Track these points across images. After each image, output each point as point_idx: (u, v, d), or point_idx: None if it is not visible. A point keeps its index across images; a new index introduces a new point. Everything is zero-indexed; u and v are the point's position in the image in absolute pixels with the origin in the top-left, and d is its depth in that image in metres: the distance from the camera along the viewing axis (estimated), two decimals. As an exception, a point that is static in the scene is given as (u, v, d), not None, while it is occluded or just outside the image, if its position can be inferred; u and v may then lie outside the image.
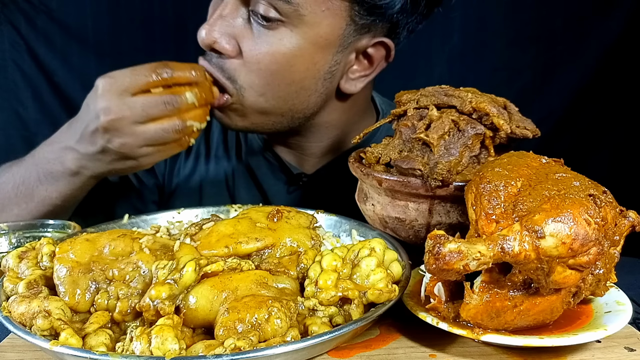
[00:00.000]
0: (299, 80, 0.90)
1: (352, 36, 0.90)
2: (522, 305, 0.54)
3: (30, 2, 1.73)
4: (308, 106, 0.95)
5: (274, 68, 0.88)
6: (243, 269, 0.58)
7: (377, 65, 0.96)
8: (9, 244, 0.80)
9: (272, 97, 0.91)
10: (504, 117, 0.70)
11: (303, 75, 0.90)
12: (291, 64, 0.88)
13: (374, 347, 0.58)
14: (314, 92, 0.93)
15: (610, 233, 0.54)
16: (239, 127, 0.97)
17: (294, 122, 0.97)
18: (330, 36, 0.88)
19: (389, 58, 0.96)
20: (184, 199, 1.12)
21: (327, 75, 0.92)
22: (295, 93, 0.92)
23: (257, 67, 0.88)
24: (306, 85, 0.92)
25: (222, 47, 0.88)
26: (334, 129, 1.03)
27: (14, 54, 1.76)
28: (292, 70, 0.89)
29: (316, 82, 0.92)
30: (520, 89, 1.81)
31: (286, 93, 0.91)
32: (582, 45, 1.79)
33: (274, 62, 0.88)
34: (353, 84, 0.97)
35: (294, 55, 0.88)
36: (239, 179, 1.11)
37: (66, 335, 0.51)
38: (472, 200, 0.56)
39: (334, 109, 1.00)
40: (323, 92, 0.94)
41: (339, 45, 0.90)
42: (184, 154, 1.13)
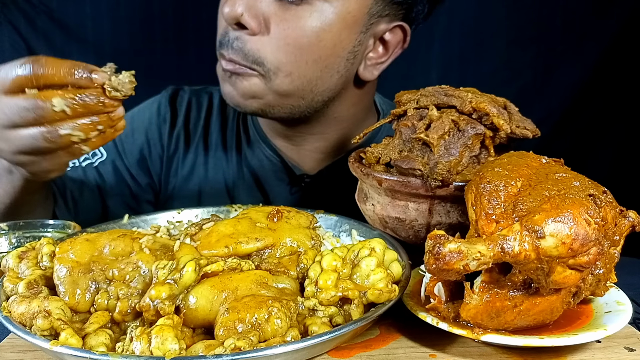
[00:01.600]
0: (325, 57, 0.90)
1: (375, 17, 0.91)
2: (522, 305, 0.54)
3: (30, 2, 1.73)
4: (328, 88, 0.94)
5: (303, 42, 0.87)
6: (243, 269, 0.58)
7: (392, 51, 0.97)
8: (9, 244, 0.80)
9: (298, 77, 0.90)
10: (504, 117, 0.70)
11: (330, 52, 0.89)
12: (320, 39, 0.88)
13: (374, 347, 0.58)
14: (335, 72, 0.93)
15: (610, 233, 0.54)
16: (253, 108, 0.94)
17: (311, 107, 0.95)
18: (358, 13, 0.89)
19: (405, 43, 0.97)
20: (182, 200, 1.11)
21: (350, 55, 0.92)
22: (319, 72, 0.91)
23: (284, 43, 0.87)
24: (330, 64, 0.91)
25: (247, 21, 0.86)
26: (341, 121, 1.03)
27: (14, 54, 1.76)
28: (320, 45, 0.88)
29: (340, 61, 0.92)
30: (520, 89, 1.81)
31: (312, 72, 0.90)
32: (582, 45, 1.79)
33: (303, 36, 0.87)
34: (370, 70, 0.97)
35: (323, 29, 0.87)
36: (239, 178, 1.10)
37: (66, 335, 0.51)
38: (472, 200, 0.56)
39: (348, 99, 1.00)
40: (344, 75, 0.94)
41: (363, 24, 0.91)
42: (182, 154, 1.11)
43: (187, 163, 1.12)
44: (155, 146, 1.11)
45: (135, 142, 1.10)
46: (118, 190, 1.10)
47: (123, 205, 1.11)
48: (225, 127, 1.12)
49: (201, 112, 1.13)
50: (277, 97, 0.92)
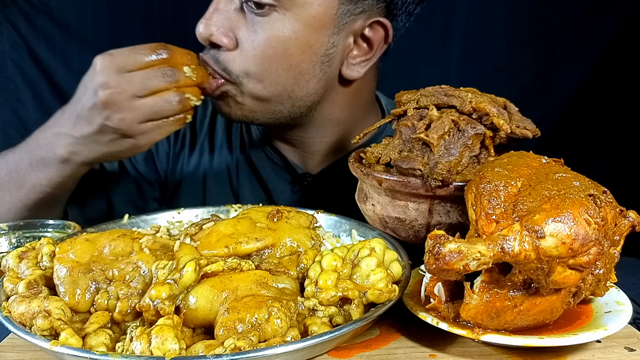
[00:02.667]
0: (295, 64, 0.90)
1: (347, 16, 0.91)
2: (522, 305, 0.54)
3: (30, 2, 1.73)
4: (308, 92, 0.94)
5: (269, 53, 0.88)
6: (243, 269, 0.58)
7: (377, 48, 0.96)
8: (9, 244, 0.80)
9: (271, 84, 0.91)
10: (504, 117, 0.70)
11: (300, 58, 0.90)
12: (287, 48, 0.89)
13: (374, 347, 0.58)
14: (312, 76, 0.93)
15: (610, 233, 0.54)
16: (238, 116, 0.96)
17: (294, 111, 0.96)
18: (324, 16, 0.89)
19: (388, 39, 0.96)
20: (187, 197, 1.11)
21: (324, 58, 0.92)
22: (293, 78, 0.91)
23: (252, 54, 0.88)
24: (304, 70, 0.91)
25: (219, 39, 0.88)
26: (337, 123, 1.03)
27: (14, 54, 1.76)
28: (288, 54, 0.89)
29: (314, 65, 0.92)
30: (520, 89, 1.81)
31: (284, 79, 0.91)
32: (582, 45, 1.79)
33: (269, 47, 0.88)
34: (354, 69, 0.96)
35: (288, 38, 0.88)
36: (243, 177, 1.11)
37: (66, 335, 0.51)
38: (472, 200, 0.56)
39: (337, 100, 0.99)
40: (322, 78, 0.94)
41: (333, 26, 0.90)
42: (188, 151, 1.12)
43: (193, 161, 1.12)
44: (162, 142, 1.12)
45: None
46: (124, 187, 1.11)
47: (128, 202, 1.11)
48: (230, 126, 1.13)
49: (207, 110, 1.13)
50: (255, 102, 0.93)
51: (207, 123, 1.12)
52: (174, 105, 0.84)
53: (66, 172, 0.90)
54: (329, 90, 0.97)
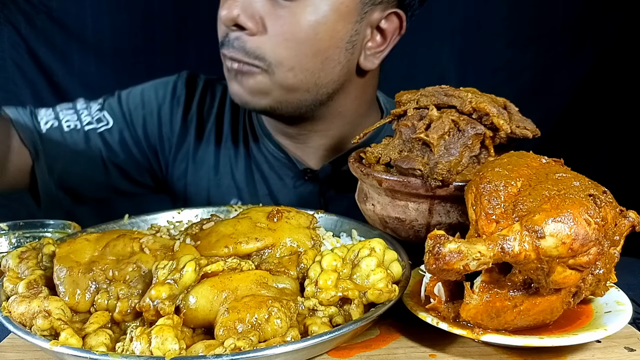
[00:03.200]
0: (324, 49, 0.91)
1: (368, 6, 0.92)
2: (522, 305, 0.54)
3: (30, 2, 1.73)
4: (332, 79, 0.95)
5: (301, 37, 0.89)
6: (243, 269, 0.58)
7: (390, 39, 0.98)
8: (9, 244, 0.80)
9: (300, 71, 0.91)
10: (504, 117, 0.70)
11: (327, 44, 0.91)
12: (316, 32, 0.89)
13: (374, 347, 0.58)
14: (337, 63, 0.94)
15: (610, 233, 0.54)
16: (263, 105, 0.96)
17: (316, 100, 0.97)
18: (351, 3, 0.90)
19: (402, 30, 0.98)
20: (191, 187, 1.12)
21: (348, 45, 0.94)
22: (321, 64, 0.92)
23: (283, 39, 0.89)
24: (330, 55, 0.92)
25: (244, 22, 0.88)
26: (344, 117, 1.03)
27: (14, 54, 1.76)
28: (317, 38, 0.90)
29: (339, 52, 0.93)
30: (520, 89, 1.81)
31: (313, 64, 0.92)
32: (582, 45, 1.79)
33: (300, 31, 0.89)
34: (370, 60, 0.98)
35: (318, 22, 0.89)
36: (246, 171, 1.11)
37: (66, 335, 0.51)
38: (472, 200, 0.56)
39: (350, 92, 1.01)
40: (345, 65, 0.95)
41: (357, 14, 0.92)
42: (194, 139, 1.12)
43: (200, 151, 1.12)
44: (165, 125, 1.12)
45: (146, 117, 1.11)
46: (122, 160, 1.11)
47: (124, 176, 1.12)
48: (236, 120, 1.13)
49: (214, 101, 1.14)
50: (284, 92, 0.93)
51: (214, 114, 1.13)
52: None
53: None
54: (347, 80, 0.98)
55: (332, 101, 0.99)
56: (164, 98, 1.12)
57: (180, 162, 1.13)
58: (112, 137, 1.09)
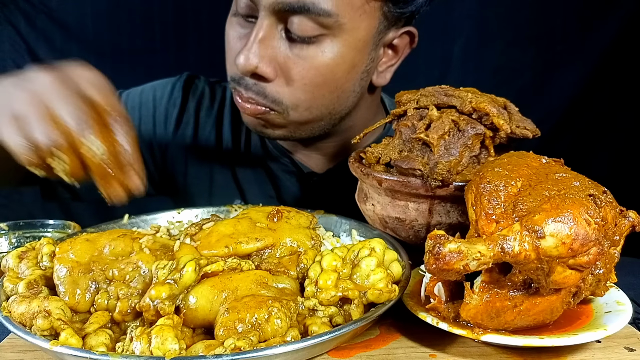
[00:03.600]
0: (340, 85, 0.90)
1: (383, 33, 0.92)
2: (522, 305, 0.54)
3: (30, 2, 1.73)
4: (346, 107, 0.95)
5: (319, 81, 0.88)
6: (243, 269, 0.58)
7: (402, 53, 0.97)
8: (9, 244, 0.80)
9: (316, 108, 0.91)
10: (504, 117, 0.70)
11: (344, 80, 0.90)
12: (334, 72, 0.88)
13: (374, 347, 0.58)
14: (351, 93, 0.93)
15: (610, 233, 0.54)
16: (276, 135, 0.96)
17: (330, 124, 0.97)
18: (367, 37, 0.89)
19: (413, 44, 0.97)
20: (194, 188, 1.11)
21: (363, 75, 0.93)
22: (337, 98, 0.92)
23: (302, 84, 0.87)
24: (347, 89, 0.92)
25: (263, 71, 0.85)
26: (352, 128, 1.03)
27: (14, 54, 1.76)
28: (335, 78, 0.89)
29: (354, 83, 0.92)
30: (520, 89, 1.81)
31: (329, 100, 0.91)
32: (582, 45, 1.79)
33: (319, 75, 0.87)
34: (382, 76, 0.98)
35: (336, 63, 0.87)
36: (250, 174, 1.11)
37: (66, 335, 0.51)
38: (472, 200, 0.56)
39: (364, 107, 1.01)
40: (359, 92, 0.95)
41: (372, 43, 0.91)
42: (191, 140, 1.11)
43: (198, 153, 1.12)
44: (159, 126, 1.11)
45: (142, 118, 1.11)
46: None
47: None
48: (237, 123, 1.12)
49: (214, 103, 1.13)
50: (298, 125, 0.94)
51: (213, 115, 1.12)
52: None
53: None
54: (360, 100, 0.98)
55: (344, 121, 0.99)
56: (161, 99, 1.11)
57: (177, 164, 1.12)
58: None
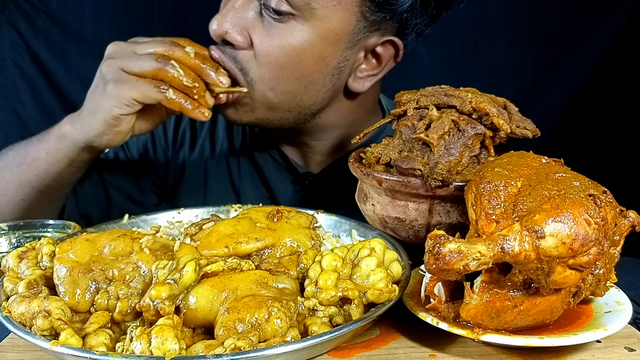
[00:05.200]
0: (307, 74, 0.90)
1: (362, 33, 0.91)
2: (522, 305, 0.54)
3: (30, 2, 1.73)
4: (315, 102, 0.95)
5: (284, 61, 0.88)
6: (243, 269, 0.58)
7: (385, 64, 0.96)
8: (9, 244, 0.80)
9: (281, 92, 0.91)
10: (504, 117, 0.70)
11: (312, 69, 0.90)
12: (301, 58, 0.89)
13: (374, 347, 0.58)
14: (321, 87, 0.93)
15: (610, 233, 0.54)
16: (245, 121, 0.96)
17: (300, 119, 0.97)
18: (341, 31, 0.89)
19: (397, 58, 0.97)
20: (188, 194, 1.11)
21: (335, 71, 0.92)
22: (303, 87, 0.92)
23: (267, 60, 0.88)
24: (314, 80, 0.92)
25: (233, 38, 0.88)
26: (339, 128, 1.03)
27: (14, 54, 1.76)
28: (301, 64, 0.89)
29: (324, 77, 0.92)
30: (520, 89, 1.81)
31: (295, 87, 0.91)
32: (582, 45, 1.79)
33: (284, 55, 0.88)
34: (361, 82, 0.97)
35: (303, 48, 0.88)
36: (245, 176, 1.11)
37: (66, 335, 0.51)
38: (472, 200, 0.56)
39: (341, 109, 1.00)
40: (330, 89, 0.95)
41: (348, 41, 0.90)
42: (188, 149, 1.12)
43: (194, 158, 1.12)
44: (160, 140, 1.12)
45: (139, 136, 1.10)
46: (120, 182, 1.10)
47: (126, 197, 1.11)
48: (231, 125, 1.12)
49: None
50: (263, 109, 0.93)
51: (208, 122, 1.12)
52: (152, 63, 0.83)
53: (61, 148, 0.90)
54: (334, 100, 0.97)
55: (319, 118, 0.99)
56: None
57: (178, 172, 1.13)
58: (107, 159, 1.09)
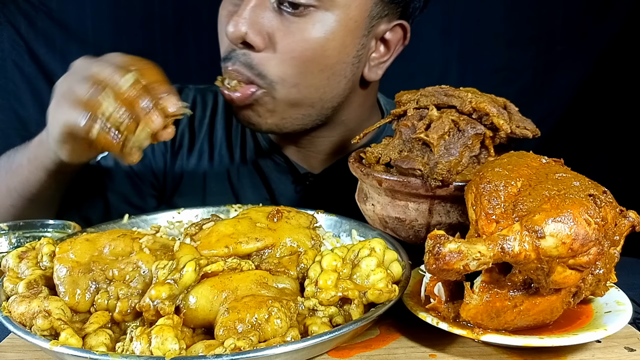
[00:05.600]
0: (331, 65, 0.90)
1: (375, 19, 0.91)
2: (522, 305, 0.54)
3: (30, 2, 1.73)
4: (337, 94, 0.94)
5: (308, 55, 0.87)
6: (243, 269, 0.58)
7: (394, 50, 0.97)
8: (9, 244, 0.80)
9: (305, 87, 0.90)
10: (504, 117, 0.70)
11: (335, 60, 0.90)
12: (325, 49, 0.88)
13: (374, 347, 0.58)
14: (343, 78, 0.93)
15: (610, 233, 0.54)
16: (269, 125, 0.94)
17: (322, 114, 0.96)
18: (359, 18, 0.89)
19: (405, 41, 0.97)
20: (187, 197, 1.11)
21: (354, 59, 0.92)
22: (327, 80, 0.91)
23: (290, 57, 0.87)
24: (337, 71, 0.91)
25: (252, 39, 0.86)
26: (347, 124, 1.03)
27: (14, 54, 1.76)
28: (325, 55, 0.88)
29: (346, 67, 0.92)
30: (520, 89, 1.81)
31: (319, 80, 0.90)
32: (582, 45, 1.79)
33: (308, 49, 0.87)
34: (374, 71, 0.97)
35: (327, 39, 0.87)
36: (244, 177, 1.11)
37: (66, 335, 0.51)
38: (472, 200, 0.56)
39: (354, 101, 1.00)
40: (351, 79, 0.94)
41: (365, 28, 0.91)
42: (187, 151, 1.12)
43: (192, 161, 1.12)
44: (159, 144, 1.11)
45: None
46: (120, 186, 1.10)
47: (125, 201, 1.11)
48: (230, 126, 1.12)
49: (206, 110, 1.13)
50: (286, 107, 0.92)
51: (206, 123, 1.12)
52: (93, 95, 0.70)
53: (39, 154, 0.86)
54: (352, 92, 0.97)
55: (336, 113, 0.99)
56: None
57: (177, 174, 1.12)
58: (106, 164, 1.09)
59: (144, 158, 1.11)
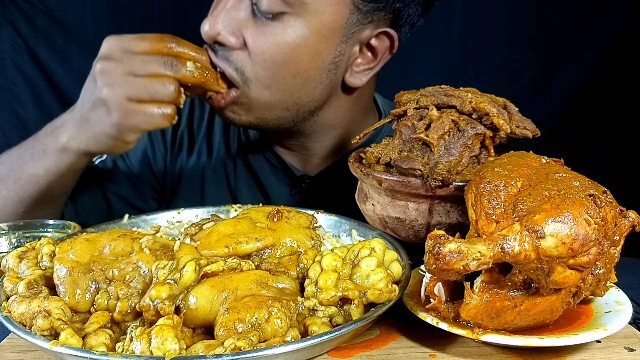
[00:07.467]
0: (303, 71, 0.90)
1: (355, 26, 0.90)
2: (522, 305, 0.54)
3: (30, 2, 1.73)
4: (313, 99, 0.94)
5: (278, 58, 0.87)
6: (243, 269, 0.58)
7: (381, 57, 0.96)
8: (9, 244, 0.80)
9: (278, 90, 0.90)
10: (504, 117, 0.70)
11: (307, 65, 0.90)
12: (296, 54, 0.88)
13: (374, 347, 0.58)
14: (318, 83, 0.93)
15: (610, 233, 0.54)
16: (243, 122, 0.95)
17: (298, 117, 0.96)
18: (334, 25, 0.88)
19: (393, 49, 0.96)
20: (185, 199, 1.11)
21: (331, 66, 0.92)
22: (300, 85, 0.91)
23: (262, 59, 0.87)
24: (311, 77, 0.91)
25: (225, 39, 0.87)
26: (337, 128, 1.03)
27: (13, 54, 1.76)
28: (296, 60, 0.88)
29: (320, 73, 0.92)
30: (520, 89, 1.81)
31: (291, 85, 0.90)
32: (582, 45, 1.79)
33: (279, 53, 0.87)
34: (358, 77, 0.96)
35: (298, 45, 0.87)
36: (241, 180, 1.11)
37: (66, 335, 0.51)
38: (472, 200, 0.56)
39: (339, 106, 1.00)
40: (328, 85, 0.94)
41: (342, 34, 0.90)
42: (186, 153, 1.12)
43: (191, 163, 1.12)
44: (159, 146, 1.12)
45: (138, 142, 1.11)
46: (121, 188, 1.10)
47: (126, 203, 1.11)
48: (227, 129, 1.13)
49: (204, 113, 1.13)
50: (261, 108, 0.92)
51: (204, 126, 1.13)
52: (168, 91, 0.82)
53: (63, 162, 0.89)
54: (332, 96, 0.97)
55: (318, 116, 0.99)
56: None
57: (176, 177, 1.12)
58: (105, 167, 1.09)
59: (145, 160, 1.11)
